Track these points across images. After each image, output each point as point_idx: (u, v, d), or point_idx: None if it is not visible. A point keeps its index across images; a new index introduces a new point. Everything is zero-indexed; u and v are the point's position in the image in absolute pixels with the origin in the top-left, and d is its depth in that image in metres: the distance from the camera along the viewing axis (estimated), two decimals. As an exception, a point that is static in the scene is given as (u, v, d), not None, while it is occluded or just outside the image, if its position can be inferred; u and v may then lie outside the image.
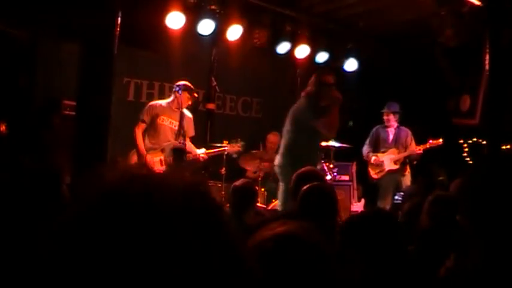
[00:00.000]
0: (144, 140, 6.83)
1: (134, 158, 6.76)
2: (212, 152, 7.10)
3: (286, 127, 6.33)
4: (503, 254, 1.85)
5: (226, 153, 7.26)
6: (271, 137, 8.78)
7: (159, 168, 6.71)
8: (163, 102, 7.05)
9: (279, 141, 8.79)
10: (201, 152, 7.00)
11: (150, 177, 0.88)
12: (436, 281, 2.24)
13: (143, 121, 6.82)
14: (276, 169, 6.42)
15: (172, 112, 6.90)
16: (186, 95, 6.86)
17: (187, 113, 7.00)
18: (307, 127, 6.07)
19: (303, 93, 6.40)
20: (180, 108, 6.82)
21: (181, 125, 6.85)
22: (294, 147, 6.17)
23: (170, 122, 6.91)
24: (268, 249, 1.55)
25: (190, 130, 7.07)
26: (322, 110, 6.02)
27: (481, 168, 2.12)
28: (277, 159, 6.39)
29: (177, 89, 6.81)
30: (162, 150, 6.87)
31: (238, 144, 7.22)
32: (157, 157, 6.82)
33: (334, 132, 6.45)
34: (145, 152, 6.74)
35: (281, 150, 6.41)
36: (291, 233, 1.61)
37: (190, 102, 7.00)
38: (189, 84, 6.90)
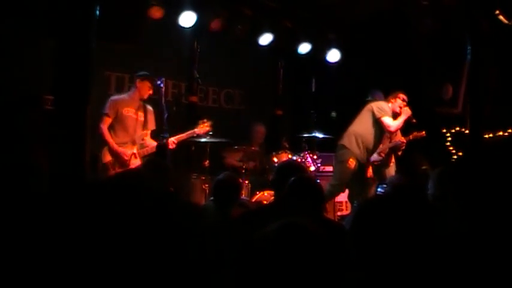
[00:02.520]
0: (112, 135, 6.68)
1: (107, 155, 6.64)
2: (181, 137, 6.88)
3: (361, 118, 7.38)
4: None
5: (196, 135, 7.02)
6: (258, 128, 8.73)
7: (134, 161, 6.64)
8: (124, 95, 6.97)
9: (264, 133, 8.78)
10: (164, 141, 6.69)
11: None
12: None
13: (107, 115, 6.65)
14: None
15: (135, 103, 6.82)
16: (146, 84, 6.80)
17: (149, 106, 6.94)
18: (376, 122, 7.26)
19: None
20: (142, 98, 6.80)
21: (145, 116, 6.81)
22: (360, 135, 7.28)
23: (135, 113, 6.81)
24: (270, 239, 1.59)
25: (152, 123, 6.98)
26: (393, 115, 7.30)
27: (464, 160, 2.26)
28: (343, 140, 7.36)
29: (137, 77, 6.81)
30: (133, 143, 6.78)
31: (207, 124, 7.02)
32: (129, 150, 6.72)
33: (394, 132, 7.48)
34: (117, 147, 6.62)
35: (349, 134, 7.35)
36: (292, 223, 1.64)
37: (151, 92, 6.91)
38: (147, 73, 6.83)
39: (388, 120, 7.22)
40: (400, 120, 7.23)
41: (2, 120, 6.44)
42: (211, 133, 7.15)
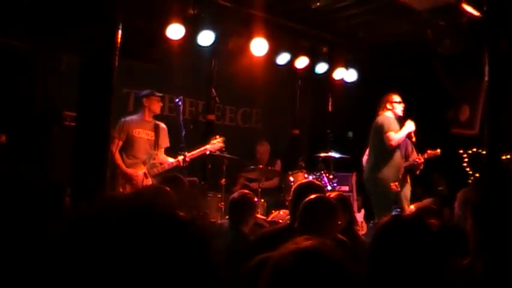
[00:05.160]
0: (122, 157, 6.70)
1: (118, 177, 6.64)
2: (193, 155, 6.81)
3: (372, 143, 7.13)
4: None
5: (208, 152, 6.97)
6: (261, 148, 8.75)
7: (145, 182, 6.66)
8: (135, 116, 6.97)
9: (268, 150, 8.79)
10: (180, 158, 6.74)
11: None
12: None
13: (118, 138, 6.63)
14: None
15: (146, 123, 6.86)
16: (154, 99, 6.86)
17: (161, 124, 6.98)
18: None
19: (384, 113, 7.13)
20: (154, 114, 6.87)
21: (156, 135, 6.84)
22: (379, 162, 6.96)
23: (146, 134, 6.84)
24: (288, 263, 1.55)
25: (165, 141, 6.99)
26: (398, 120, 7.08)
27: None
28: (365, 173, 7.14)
29: (142, 97, 6.87)
30: (144, 163, 6.79)
31: (219, 140, 6.99)
32: (140, 171, 6.73)
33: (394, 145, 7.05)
34: (126, 169, 6.64)
35: (369, 164, 7.09)
36: (313, 248, 1.59)
37: (161, 104, 7.01)
38: (151, 90, 6.88)
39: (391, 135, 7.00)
40: (402, 134, 7.07)
41: (25, 135, 6.54)
42: (224, 150, 7.12)
